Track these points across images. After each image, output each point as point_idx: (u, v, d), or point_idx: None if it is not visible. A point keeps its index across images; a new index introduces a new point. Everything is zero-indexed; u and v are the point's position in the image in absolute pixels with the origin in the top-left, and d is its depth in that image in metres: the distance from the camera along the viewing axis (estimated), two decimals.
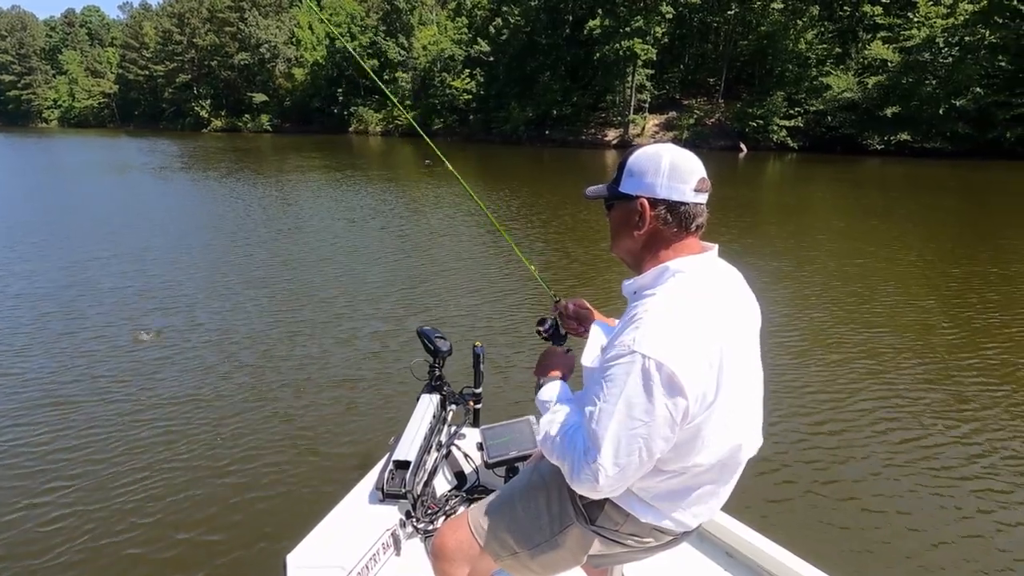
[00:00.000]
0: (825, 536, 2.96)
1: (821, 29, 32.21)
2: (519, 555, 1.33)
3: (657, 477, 1.15)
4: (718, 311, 1.09)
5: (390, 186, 17.18)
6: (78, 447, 3.78)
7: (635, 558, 1.38)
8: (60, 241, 9.73)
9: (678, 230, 1.15)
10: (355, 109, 54.00)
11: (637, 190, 1.17)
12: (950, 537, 2.94)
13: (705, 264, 1.15)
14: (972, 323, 5.98)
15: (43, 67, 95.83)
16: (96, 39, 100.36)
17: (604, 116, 39.22)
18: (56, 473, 3.51)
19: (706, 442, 1.09)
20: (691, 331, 1.03)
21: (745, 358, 1.13)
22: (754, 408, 1.18)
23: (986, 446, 3.75)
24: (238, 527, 3.04)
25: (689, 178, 1.14)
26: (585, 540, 1.28)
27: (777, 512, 3.13)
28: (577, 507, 1.27)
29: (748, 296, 1.21)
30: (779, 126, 31.18)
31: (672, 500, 1.19)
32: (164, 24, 72.18)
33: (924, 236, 10.49)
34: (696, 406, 1.03)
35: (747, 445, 1.17)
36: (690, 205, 1.14)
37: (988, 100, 26.38)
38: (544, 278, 1.83)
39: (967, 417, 4.10)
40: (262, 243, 9.73)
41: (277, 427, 4.03)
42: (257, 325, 5.96)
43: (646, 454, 1.04)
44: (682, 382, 0.99)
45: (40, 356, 5.18)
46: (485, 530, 1.38)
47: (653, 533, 1.24)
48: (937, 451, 3.69)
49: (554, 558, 1.32)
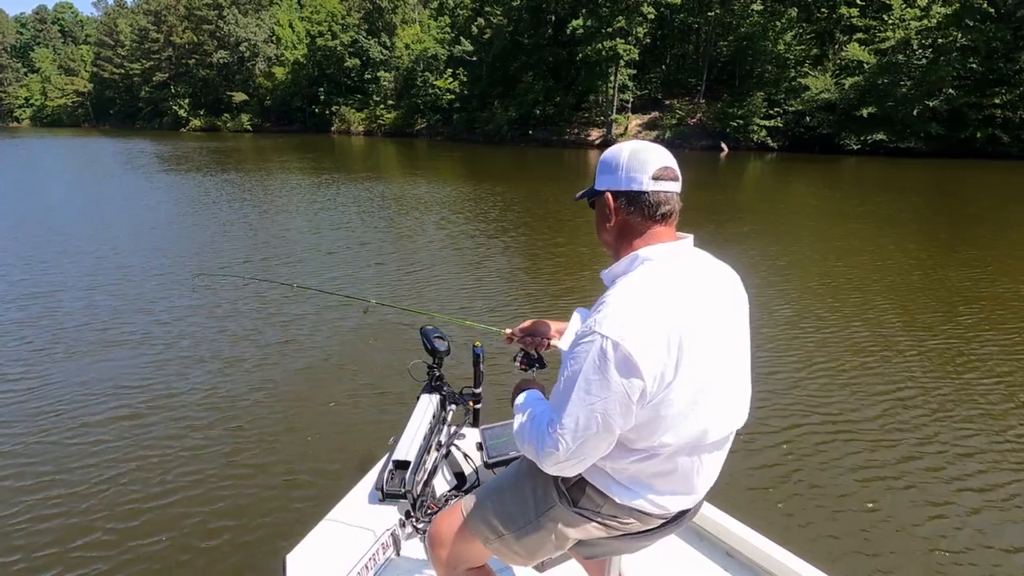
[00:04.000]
0: (824, 536, 2.97)
1: (799, 31, 32.73)
2: (505, 537, 1.38)
3: (628, 457, 1.18)
4: (682, 296, 1.13)
5: (379, 187, 17.08)
6: (78, 447, 3.72)
7: (626, 547, 1.38)
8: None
9: (643, 219, 1.21)
10: (337, 108, 53.58)
11: (604, 185, 1.25)
12: (950, 537, 2.96)
13: (675, 252, 1.19)
14: (970, 320, 6.10)
15: (13, 65, 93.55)
16: (69, 36, 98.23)
17: (587, 116, 39.40)
18: (56, 473, 3.45)
19: (670, 422, 1.13)
20: (650, 313, 1.08)
21: (715, 342, 1.15)
22: (727, 391, 1.20)
23: (986, 445, 3.78)
24: (238, 527, 3.02)
25: (646, 168, 1.19)
26: (567, 522, 1.31)
27: (776, 512, 3.15)
28: (560, 490, 1.31)
29: (727, 284, 1.24)
30: (759, 126, 31.61)
31: (647, 481, 1.22)
32: (140, 22, 70.88)
33: (901, 231, 10.71)
34: (654, 385, 1.07)
35: (715, 428, 1.19)
36: (649, 194, 1.19)
37: (960, 101, 27.08)
38: (482, 320, 1.86)
39: (967, 417, 4.14)
40: (254, 236, 9.62)
41: (277, 426, 4.00)
42: (256, 324, 5.90)
43: (603, 428, 1.10)
44: (637, 361, 1.05)
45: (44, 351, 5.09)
46: (475, 514, 1.44)
47: (634, 515, 1.26)
48: (937, 451, 3.71)
49: (537, 541, 1.35)
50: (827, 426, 4.01)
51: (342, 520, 1.93)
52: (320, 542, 1.84)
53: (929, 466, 3.56)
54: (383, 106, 50.61)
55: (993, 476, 3.45)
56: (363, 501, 1.99)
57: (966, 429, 3.97)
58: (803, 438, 3.86)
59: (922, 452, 3.70)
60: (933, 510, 3.16)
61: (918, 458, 3.63)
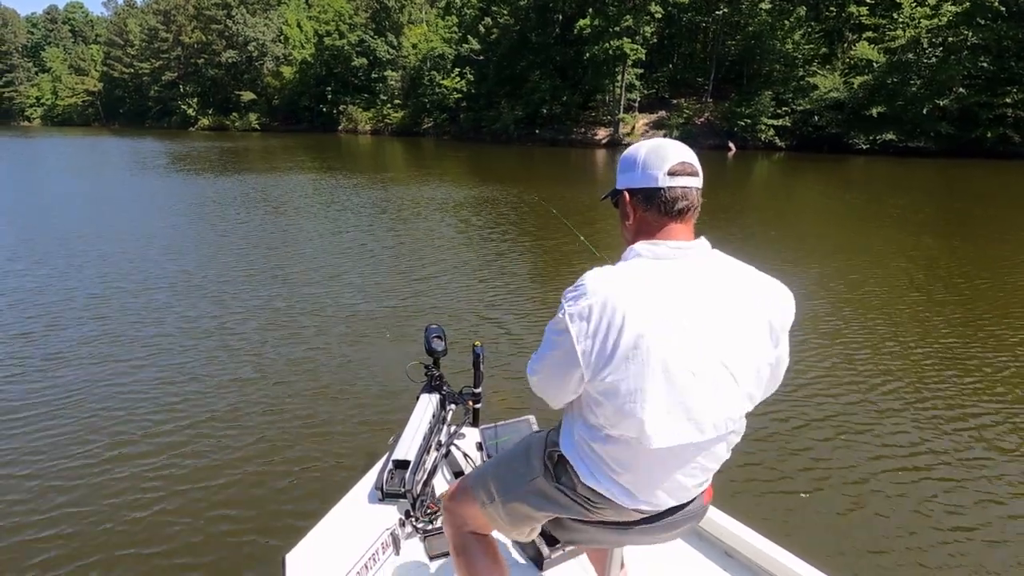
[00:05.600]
0: (824, 535, 2.96)
1: (808, 29, 32.50)
2: (495, 502, 1.44)
3: (594, 435, 1.21)
4: (653, 291, 1.12)
5: (388, 187, 17.11)
6: (76, 446, 3.74)
7: (606, 538, 1.37)
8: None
9: (659, 215, 1.20)
10: (344, 107, 53.73)
11: (623, 184, 1.26)
12: (949, 536, 2.94)
13: (675, 250, 1.17)
14: (973, 320, 6.06)
15: (25, 64, 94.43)
16: (79, 36, 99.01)
17: (594, 115, 39.31)
18: (55, 472, 3.47)
19: (616, 410, 1.13)
20: (599, 292, 1.11)
21: (685, 348, 1.11)
22: (687, 405, 1.14)
23: (986, 444, 3.76)
24: (237, 526, 3.02)
25: (662, 164, 1.19)
26: (546, 495, 1.34)
27: (775, 512, 3.14)
28: (546, 464, 1.35)
29: (739, 294, 1.17)
30: (767, 125, 31.44)
31: (608, 466, 1.22)
32: (149, 21, 71.37)
33: (913, 232, 10.63)
34: (588, 360, 1.12)
35: (665, 434, 1.14)
36: (664, 189, 1.19)
37: (971, 100, 26.81)
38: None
39: (967, 417, 4.11)
40: (258, 240, 9.66)
41: (276, 425, 4.00)
42: (255, 324, 5.92)
43: (552, 376, 1.22)
44: (572, 332, 1.12)
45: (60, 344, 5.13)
46: (479, 477, 1.53)
47: (605, 501, 1.26)
48: (937, 450, 3.70)
49: (518, 510, 1.40)
50: (827, 426, 3.98)
51: (342, 519, 1.93)
52: (320, 541, 1.84)
53: (929, 465, 3.54)
54: (390, 105, 50.71)
55: (998, 479, 3.42)
56: (363, 500, 1.99)
57: (968, 430, 3.94)
58: (802, 438, 3.84)
59: (924, 453, 3.67)
60: (933, 509, 3.14)
61: (920, 459, 3.60)
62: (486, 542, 1.56)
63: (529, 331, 5.75)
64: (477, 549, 1.53)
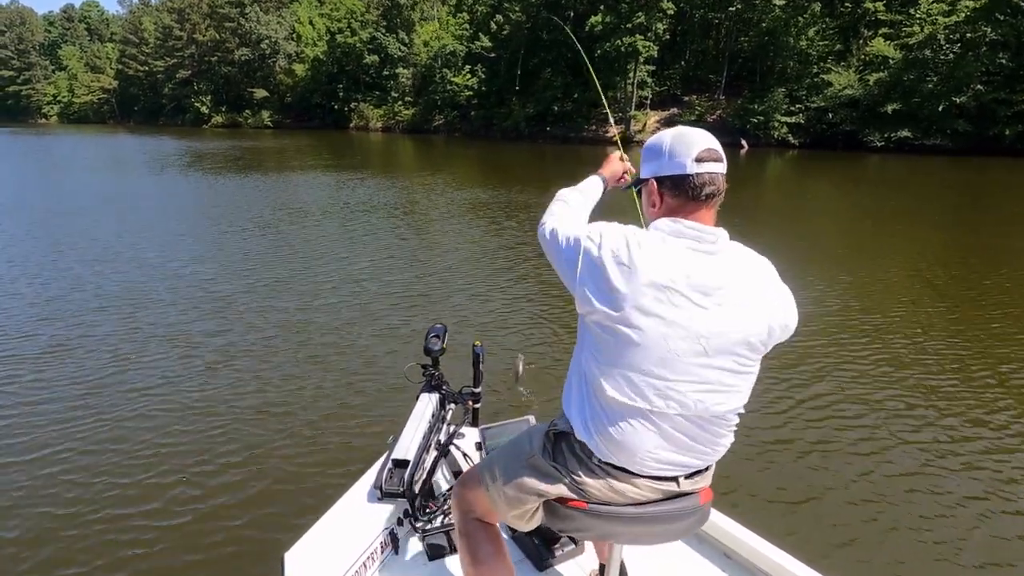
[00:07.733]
0: (824, 537, 2.94)
1: (822, 26, 32.14)
2: (497, 483, 1.45)
3: (593, 397, 1.24)
4: (667, 257, 1.15)
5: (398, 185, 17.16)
6: (75, 444, 3.78)
7: (600, 528, 1.36)
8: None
9: (687, 200, 1.22)
10: (356, 105, 53.92)
11: (649, 172, 1.29)
12: (949, 537, 2.93)
13: (693, 230, 1.19)
14: (977, 320, 5.98)
15: (42, 62, 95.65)
16: (95, 34, 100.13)
17: (605, 112, 39.14)
18: (54, 472, 3.50)
19: (619, 355, 1.18)
20: (623, 241, 1.18)
21: (680, 320, 1.14)
22: (676, 375, 1.18)
23: (986, 444, 3.74)
24: (236, 525, 3.04)
25: (689, 151, 1.21)
26: (542, 472, 1.36)
27: (775, 513, 3.12)
28: (544, 444, 1.38)
29: (745, 284, 1.20)
30: (780, 123, 31.16)
31: (608, 430, 1.23)
32: (164, 19, 72.08)
33: (925, 231, 10.49)
34: (611, 274, 1.15)
35: (655, 396, 1.18)
36: (692, 176, 1.21)
37: (989, 97, 26.38)
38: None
39: (966, 416, 4.09)
40: (260, 231, 9.74)
41: (275, 425, 4.02)
42: (254, 322, 5.95)
43: (571, 247, 1.25)
44: (603, 240, 1.19)
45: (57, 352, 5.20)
46: (486, 462, 1.58)
47: (602, 469, 1.27)
48: (936, 451, 3.68)
49: (515, 489, 1.40)
50: (828, 427, 3.95)
51: (341, 518, 1.92)
52: (318, 540, 1.84)
53: (928, 465, 3.52)
54: (401, 103, 50.83)
55: (996, 480, 3.39)
56: (362, 500, 1.99)
57: (970, 430, 3.90)
58: (802, 439, 3.81)
59: (922, 452, 3.65)
60: (932, 511, 3.13)
61: (921, 460, 3.58)
62: (491, 531, 1.57)
63: (530, 330, 5.74)
64: (482, 536, 1.54)
